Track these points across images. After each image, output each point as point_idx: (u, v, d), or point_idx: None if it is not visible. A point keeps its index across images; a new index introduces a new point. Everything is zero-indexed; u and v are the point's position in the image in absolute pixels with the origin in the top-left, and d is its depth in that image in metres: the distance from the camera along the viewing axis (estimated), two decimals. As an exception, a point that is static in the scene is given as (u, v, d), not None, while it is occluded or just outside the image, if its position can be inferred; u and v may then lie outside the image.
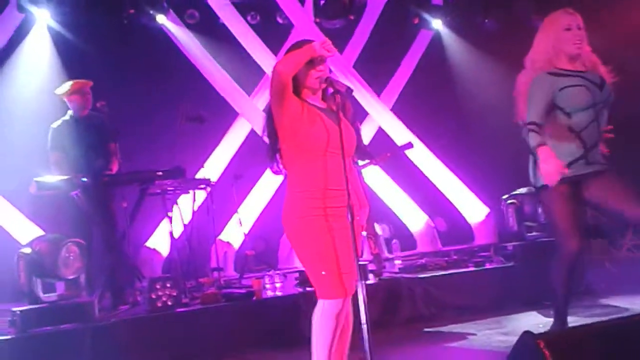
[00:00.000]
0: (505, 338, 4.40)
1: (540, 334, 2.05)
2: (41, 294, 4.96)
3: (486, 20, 8.80)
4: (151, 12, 7.34)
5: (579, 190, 3.72)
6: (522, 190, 6.11)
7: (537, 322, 4.74)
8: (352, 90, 3.06)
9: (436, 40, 8.88)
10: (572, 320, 3.96)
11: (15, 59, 6.84)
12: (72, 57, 6.73)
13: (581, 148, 3.70)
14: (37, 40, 6.92)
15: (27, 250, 4.53)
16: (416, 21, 8.72)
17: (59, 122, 5.52)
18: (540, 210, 5.76)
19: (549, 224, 3.90)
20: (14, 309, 4.27)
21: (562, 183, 3.59)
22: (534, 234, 6.03)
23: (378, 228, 6.45)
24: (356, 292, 2.90)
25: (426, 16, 8.72)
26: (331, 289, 3.02)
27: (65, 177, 5.12)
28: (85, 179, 5.11)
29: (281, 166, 3.15)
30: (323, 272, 3.00)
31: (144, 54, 7.16)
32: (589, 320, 2.95)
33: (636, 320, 1.99)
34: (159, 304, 4.60)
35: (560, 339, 1.95)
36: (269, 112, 3.12)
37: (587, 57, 3.80)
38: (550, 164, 3.53)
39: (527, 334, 2.04)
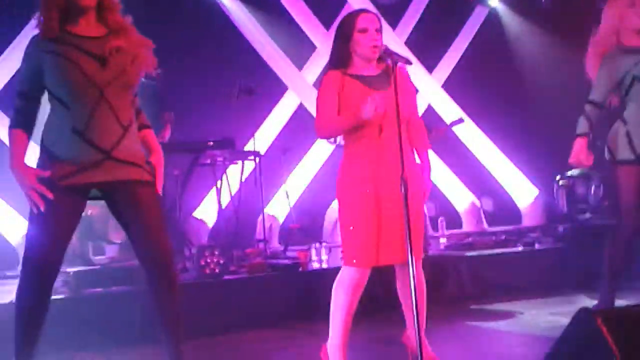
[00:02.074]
0: (553, 318, 4.35)
1: (598, 310, 2.01)
2: (92, 257, 5.11)
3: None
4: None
5: None
6: (574, 171, 6.00)
7: (585, 304, 4.66)
8: (410, 62, 3.03)
9: (492, 17, 8.72)
10: (621, 303, 3.89)
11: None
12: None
13: None
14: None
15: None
16: (472, -3, 8.58)
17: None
18: (593, 190, 5.65)
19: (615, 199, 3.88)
20: (68, 269, 4.38)
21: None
22: (585, 216, 5.92)
23: (424, 206, 6.41)
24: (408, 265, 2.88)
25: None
26: (350, 256, 3.06)
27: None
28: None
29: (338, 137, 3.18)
30: (349, 233, 3.06)
31: (197, 26, 7.19)
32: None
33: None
34: (207, 271, 4.67)
35: (619, 316, 1.92)
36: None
37: None
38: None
39: (584, 310, 2.00)
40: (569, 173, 6.01)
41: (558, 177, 6.09)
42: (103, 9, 2.80)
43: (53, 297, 2.82)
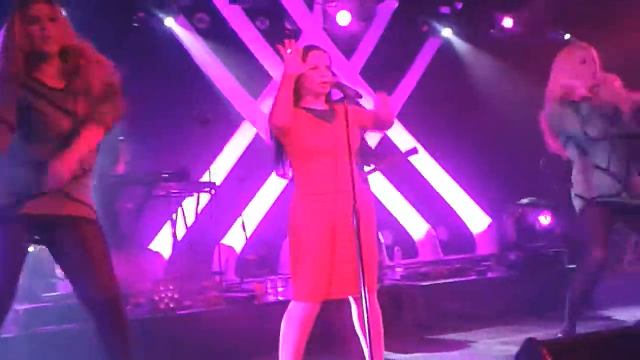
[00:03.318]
0: (506, 347, 4.40)
1: (544, 341, 2.06)
2: (42, 294, 5.00)
3: (492, 30, 8.83)
4: (160, 15, 7.37)
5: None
6: (523, 200, 6.14)
7: (537, 331, 4.74)
8: (360, 95, 3.10)
9: (444, 49, 8.91)
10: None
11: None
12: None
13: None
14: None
15: (30, 249, 4.54)
16: (425, 29, 8.75)
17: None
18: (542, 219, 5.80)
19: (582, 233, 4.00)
20: (17, 307, 4.28)
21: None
22: (535, 244, 6.06)
23: (380, 235, 6.46)
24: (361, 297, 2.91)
25: (435, 24, 8.75)
26: (299, 290, 3.08)
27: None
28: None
29: (287, 169, 3.20)
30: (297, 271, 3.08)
31: (153, 57, 7.18)
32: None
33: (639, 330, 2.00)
34: (162, 306, 4.61)
35: (564, 346, 1.96)
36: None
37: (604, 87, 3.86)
38: None
39: (530, 340, 2.05)
40: (519, 202, 6.16)
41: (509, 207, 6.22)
42: (67, 51, 2.77)
43: (3, 335, 2.75)
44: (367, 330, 2.85)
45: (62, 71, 2.76)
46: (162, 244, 6.90)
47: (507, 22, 8.72)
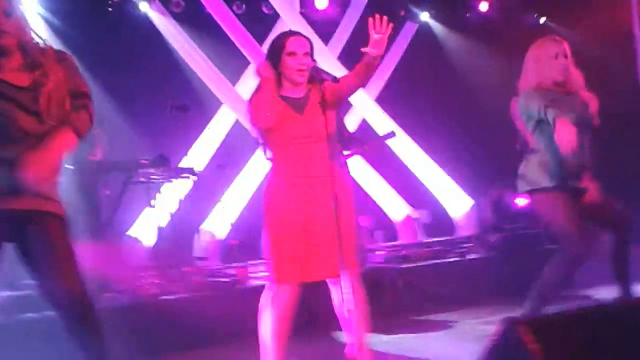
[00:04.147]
0: (487, 327, 4.46)
1: (521, 319, 2.07)
2: (22, 281, 4.96)
3: (468, 14, 8.86)
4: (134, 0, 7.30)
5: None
6: (500, 183, 6.20)
7: (518, 312, 4.80)
8: (337, 80, 3.10)
9: (422, 33, 8.92)
10: (551, 309, 4.02)
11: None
12: (57, 44, 6.67)
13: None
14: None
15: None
16: (402, 13, 8.75)
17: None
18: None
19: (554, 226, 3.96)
20: (-2, 295, 4.26)
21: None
22: (512, 226, 6.12)
23: (361, 219, 6.49)
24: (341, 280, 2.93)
25: (413, 8, 8.76)
26: (274, 272, 3.09)
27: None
28: (69, 166, 5.09)
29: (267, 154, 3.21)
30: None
31: (129, 42, 7.13)
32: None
33: (619, 305, 2.04)
34: (144, 292, 4.61)
35: (542, 324, 1.98)
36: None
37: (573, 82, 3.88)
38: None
39: (508, 319, 2.06)
40: (497, 184, 6.22)
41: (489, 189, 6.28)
42: (24, 45, 2.70)
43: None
44: (345, 312, 2.87)
45: (23, 67, 2.71)
46: (141, 230, 6.88)
47: (483, 6, 8.76)
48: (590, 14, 7.36)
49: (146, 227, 6.69)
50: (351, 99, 8.15)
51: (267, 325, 3.10)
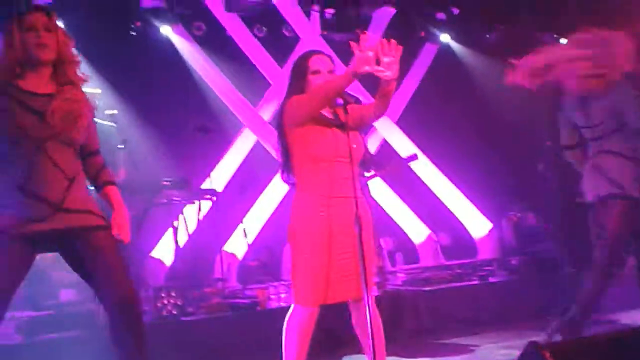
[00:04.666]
0: (508, 352, 4.41)
1: (546, 344, 2.06)
2: (44, 301, 5.01)
3: (487, 35, 8.86)
4: (157, 24, 7.40)
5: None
6: (520, 205, 6.17)
7: (539, 335, 4.75)
8: (359, 102, 3.11)
9: (443, 54, 8.93)
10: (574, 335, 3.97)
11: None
12: (82, 67, 6.78)
13: None
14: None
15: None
16: (422, 34, 8.78)
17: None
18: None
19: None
20: (19, 315, 4.29)
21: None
22: (533, 248, 6.08)
23: (381, 241, 6.47)
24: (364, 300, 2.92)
25: (432, 30, 8.79)
26: (301, 294, 3.08)
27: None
28: (92, 187, 5.14)
29: (291, 175, 3.20)
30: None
31: (151, 66, 7.21)
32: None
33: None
34: (165, 313, 4.63)
35: (566, 349, 1.97)
36: (279, 122, 3.17)
37: None
38: None
39: (532, 343, 2.06)
40: (518, 206, 6.19)
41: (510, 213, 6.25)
42: (62, 62, 2.80)
43: (6, 343, 2.77)
44: (370, 334, 2.86)
45: (51, 80, 2.79)
46: (164, 251, 6.91)
47: (501, 30, 8.75)
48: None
49: (168, 248, 6.72)
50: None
51: (292, 346, 3.10)
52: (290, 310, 3.14)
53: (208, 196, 6.03)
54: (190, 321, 4.76)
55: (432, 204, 8.51)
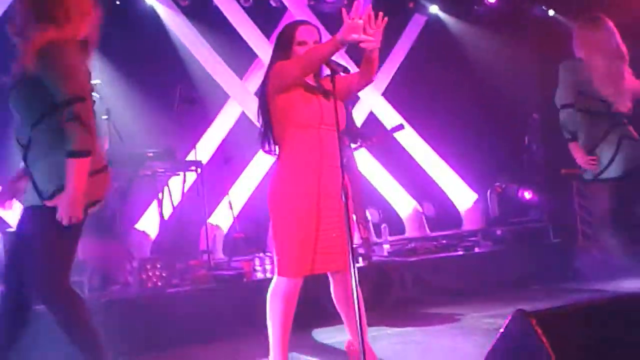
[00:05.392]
0: (493, 320, 4.45)
1: (532, 311, 2.07)
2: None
3: (476, 7, 8.80)
4: (142, -7, 7.29)
5: None
6: (505, 176, 6.20)
7: (524, 305, 4.79)
8: (348, 70, 3.08)
9: (431, 25, 8.88)
10: (561, 303, 4.01)
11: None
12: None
13: None
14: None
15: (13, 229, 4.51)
16: (411, 5, 8.71)
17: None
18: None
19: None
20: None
21: None
22: (518, 219, 6.12)
23: (367, 212, 6.47)
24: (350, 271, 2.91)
25: (421, 0, 8.71)
26: (283, 266, 3.06)
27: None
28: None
29: (273, 146, 3.17)
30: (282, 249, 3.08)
31: (136, 36, 7.10)
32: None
33: (627, 298, 2.03)
34: (150, 285, 4.61)
35: (552, 316, 1.97)
36: (263, 91, 3.14)
37: None
38: None
39: (518, 312, 2.06)
40: (503, 177, 6.22)
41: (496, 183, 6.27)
42: None
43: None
44: (355, 305, 2.86)
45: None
46: (149, 223, 6.88)
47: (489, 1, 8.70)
48: (600, 7, 7.29)
49: (153, 220, 6.69)
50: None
51: (276, 317, 3.09)
52: (274, 282, 3.13)
53: (193, 168, 5.99)
54: (176, 293, 4.74)
55: (418, 175, 8.52)
